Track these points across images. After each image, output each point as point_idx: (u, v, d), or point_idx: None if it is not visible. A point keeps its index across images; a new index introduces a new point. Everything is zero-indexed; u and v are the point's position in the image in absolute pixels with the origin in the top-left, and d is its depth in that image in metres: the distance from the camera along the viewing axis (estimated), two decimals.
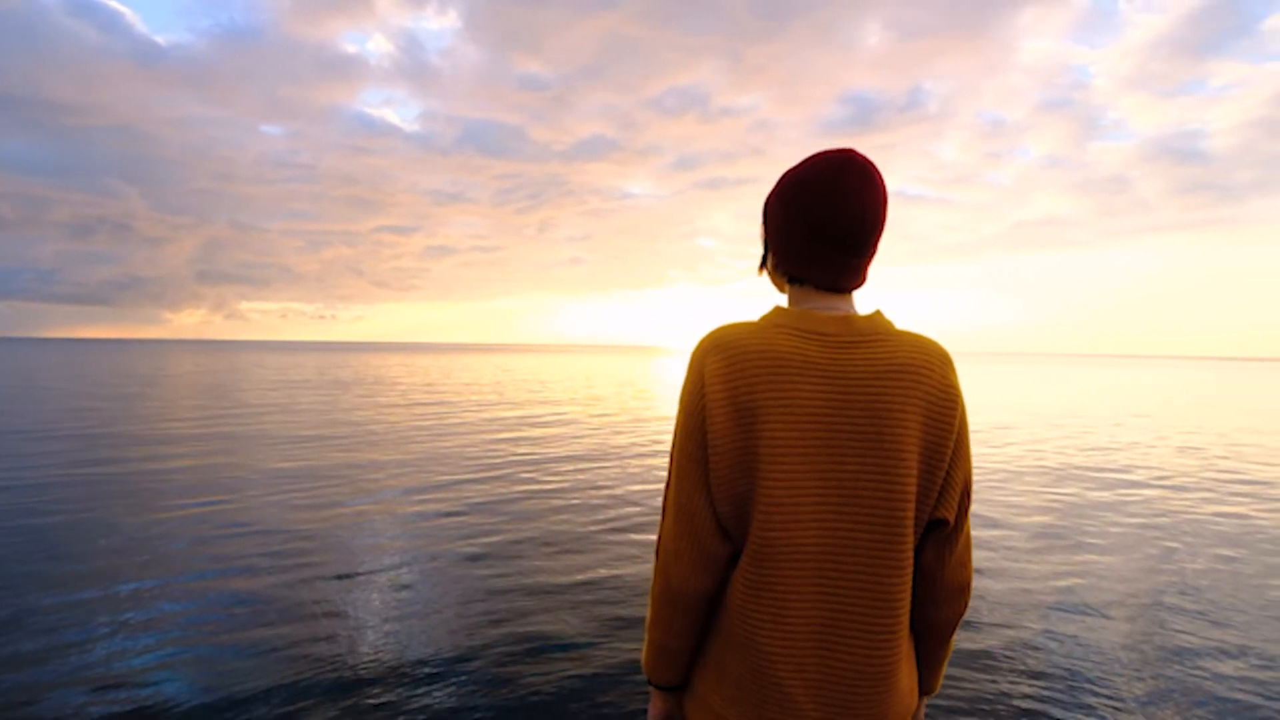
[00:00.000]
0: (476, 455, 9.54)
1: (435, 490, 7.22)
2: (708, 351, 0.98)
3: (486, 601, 4.16)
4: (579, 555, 5.09)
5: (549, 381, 28.70)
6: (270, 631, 3.68)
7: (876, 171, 0.98)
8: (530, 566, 4.81)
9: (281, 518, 5.99)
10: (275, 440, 10.64)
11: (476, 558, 4.99)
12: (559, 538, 5.53)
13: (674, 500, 1.01)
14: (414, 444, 10.47)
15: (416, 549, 5.17)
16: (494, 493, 7.16)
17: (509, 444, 10.66)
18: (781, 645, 0.93)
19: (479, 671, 3.28)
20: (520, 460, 9.20)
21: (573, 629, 3.78)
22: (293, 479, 7.69)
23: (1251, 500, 7.63)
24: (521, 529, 5.77)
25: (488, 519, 6.08)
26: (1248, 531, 6.22)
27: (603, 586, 4.45)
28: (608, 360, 68.75)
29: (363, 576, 4.56)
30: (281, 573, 4.59)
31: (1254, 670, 3.47)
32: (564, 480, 7.90)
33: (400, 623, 3.83)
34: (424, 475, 8.02)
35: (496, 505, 6.60)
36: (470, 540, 5.42)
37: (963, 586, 1.04)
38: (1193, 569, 5.06)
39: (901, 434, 0.93)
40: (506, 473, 8.28)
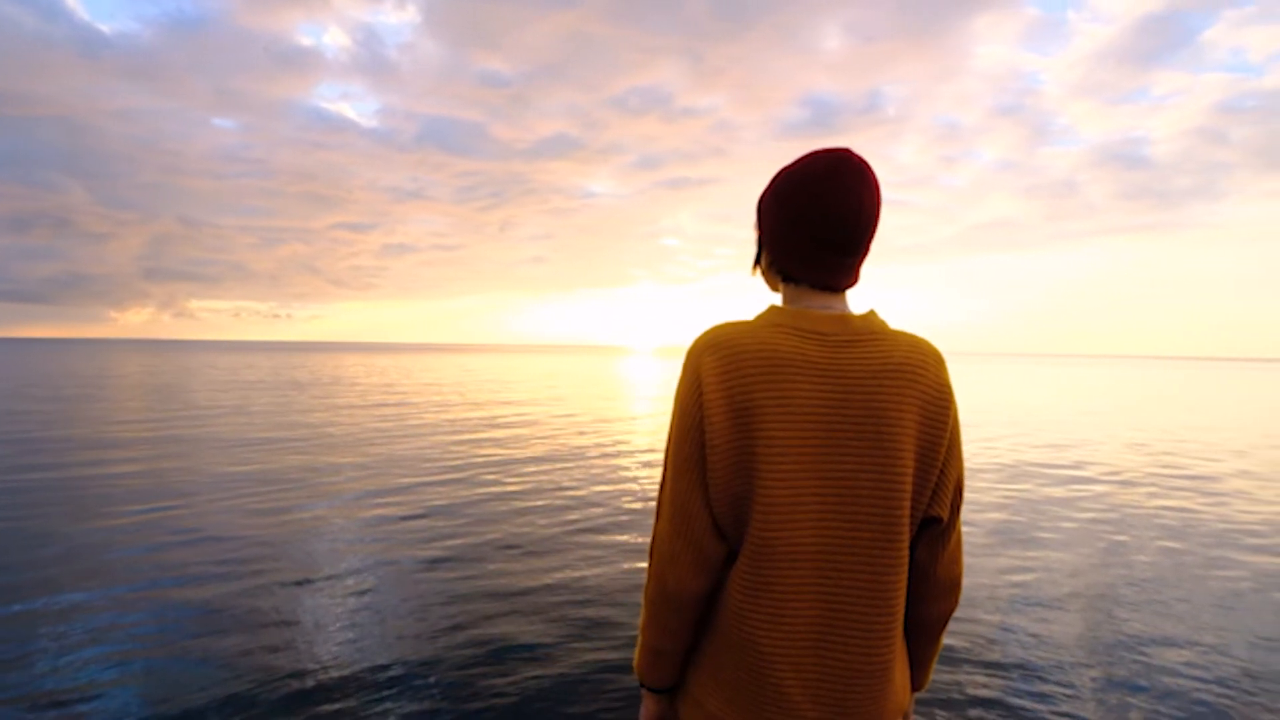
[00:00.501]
0: (437, 457, 9.40)
1: (395, 493, 7.09)
2: (704, 351, 0.98)
3: (448, 606, 4.09)
4: (542, 558, 5.04)
5: (511, 382, 28.47)
6: (223, 641, 3.56)
7: (871, 171, 0.99)
8: (493, 570, 4.75)
9: (234, 523, 5.81)
10: (228, 443, 10.34)
11: (437, 562, 4.91)
12: (522, 541, 5.48)
13: (670, 501, 1.00)
14: (373, 446, 10.28)
15: (376, 554, 5.07)
16: (455, 495, 7.06)
17: (470, 445, 10.54)
18: (780, 645, 0.93)
19: (441, 678, 3.22)
20: (482, 462, 9.10)
21: (537, 633, 3.74)
22: (246, 483, 7.47)
23: (1194, 494, 7.93)
24: (483, 532, 5.70)
25: (449, 522, 5.99)
26: (1190, 524, 6.45)
27: (567, 589, 4.41)
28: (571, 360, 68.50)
29: (320, 583, 4.44)
30: (235, 580, 4.45)
31: (1197, 656, 3.59)
32: (527, 482, 7.83)
33: (359, 629, 3.74)
34: (383, 478, 7.88)
35: (458, 508, 6.51)
36: (431, 544, 5.33)
37: (954, 583, 1.06)
38: (1140, 561, 5.24)
39: (899, 433, 0.93)
40: (468, 475, 8.18)
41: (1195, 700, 3.17)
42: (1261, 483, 8.78)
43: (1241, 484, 8.67)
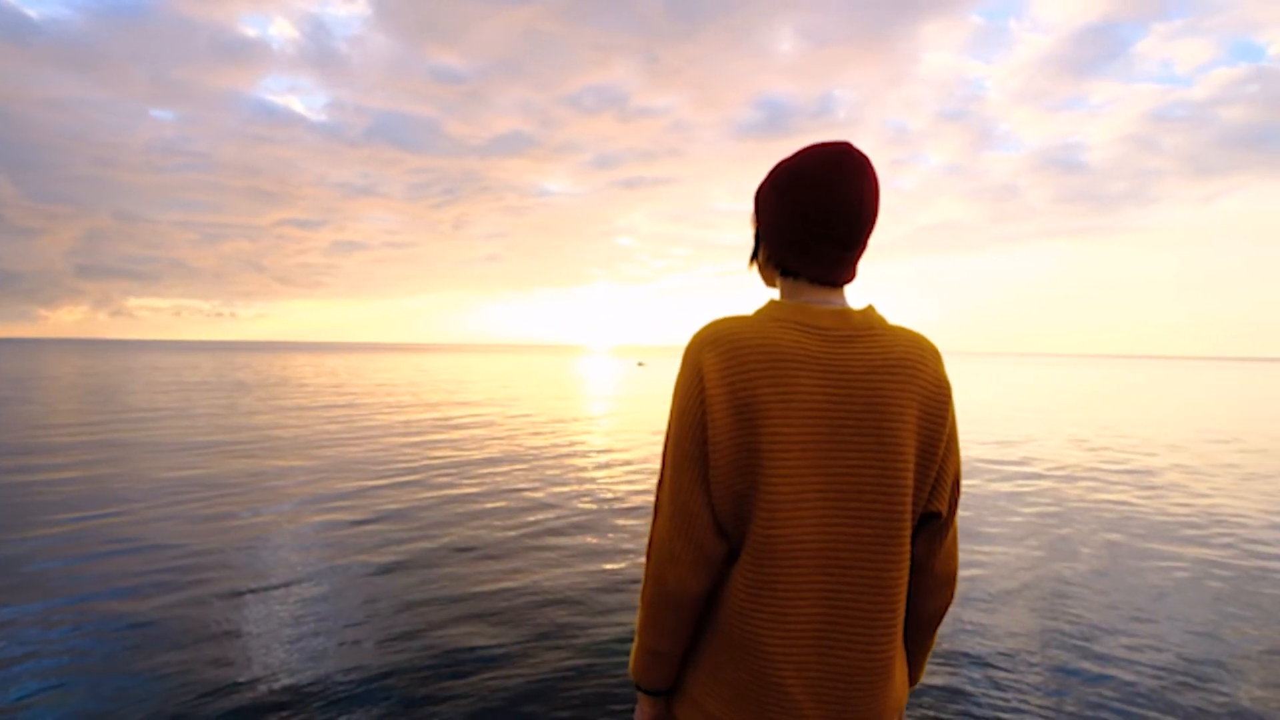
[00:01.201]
0: (390, 460, 9.20)
1: (345, 498, 6.91)
2: (704, 346, 0.96)
3: (402, 613, 3.99)
4: (499, 561, 4.96)
5: (466, 382, 28.09)
6: (163, 657, 3.40)
7: (871, 165, 0.98)
8: (448, 575, 4.66)
9: (175, 531, 5.58)
10: (168, 447, 9.94)
11: (391, 567, 4.79)
12: (478, 544, 5.39)
13: (669, 499, 0.98)
14: (322, 449, 10.01)
15: (325, 561, 4.92)
16: (409, 499, 6.91)
17: (424, 447, 10.34)
18: (783, 645, 0.92)
19: (396, 689, 3.13)
20: (437, 464, 8.94)
21: (494, 639, 3.68)
22: (187, 489, 7.19)
23: (1134, 488, 8.25)
24: (438, 536, 5.59)
25: (402, 527, 5.86)
26: (1130, 517, 6.71)
27: (525, 593, 4.35)
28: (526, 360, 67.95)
29: (266, 592, 4.29)
30: (175, 591, 4.27)
31: (1135, 644, 3.73)
32: (483, 484, 7.72)
33: (308, 640, 3.62)
34: (333, 482, 7.67)
35: (412, 512, 6.37)
36: (383, 550, 5.21)
37: (950, 577, 1.07)
38: (1084, 554, 5.41)
39: (900, 428, 0.93)
40: (422, 478, 8.02)
41: (1133, 686, 3.28)
42: (1195, 476, 9.19)
43: (1177, 477, 9.05)
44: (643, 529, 5.91)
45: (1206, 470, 9.69)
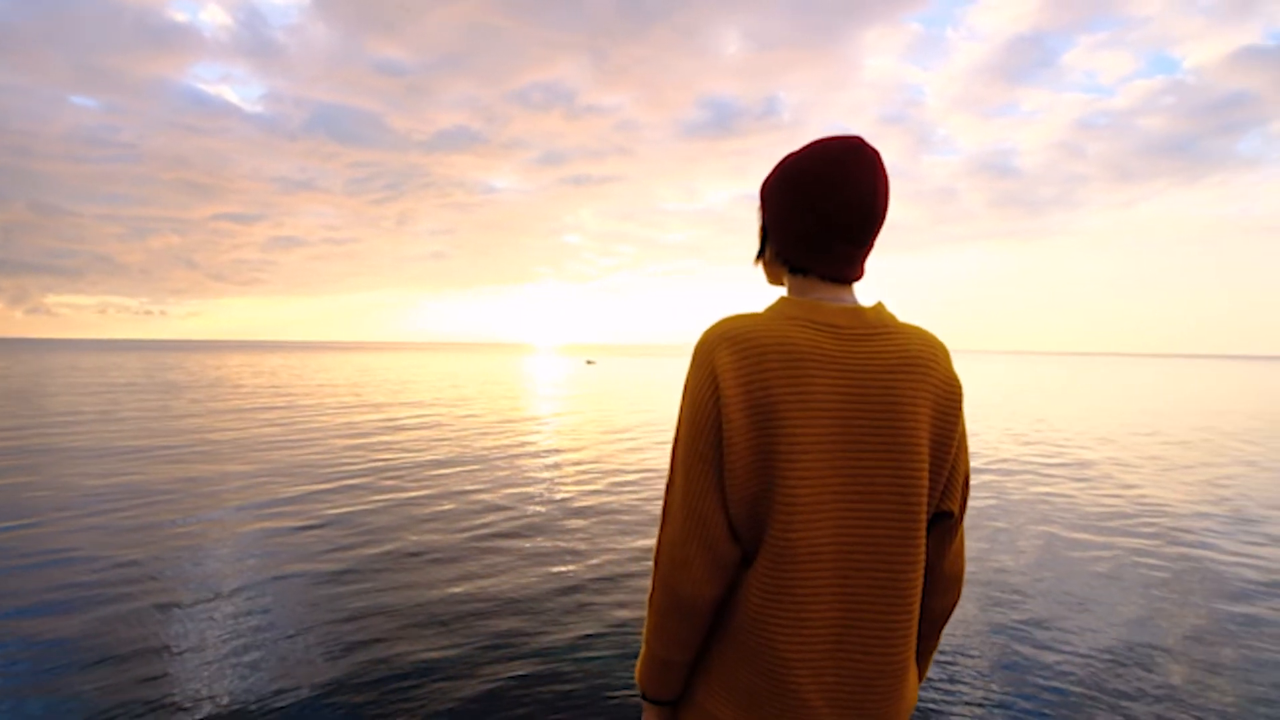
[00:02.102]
0: (332, 463, 8.92)
1: (286, 504, 6.66)
2: (718, 345, 0.93)
3: (347, 624, 3.86)
4: (448, 567, 4.85)
5: (411, 381, 27.50)
6: (87, 677, 3.20)
7: (882, 160, 0.97)
8: (394, 583, 4.53)
9: (100, 543, 5.28)
10: (91, 453, 9.43)
11: (334, 576, 4.63)
12: (426, 550, 5.25)
13: (682, 504, 0.94)
14: (260, 453, 9.64)
15: (264, 570, 4.73)
16: (353, 504, 6.70)
17: (369, 450, 10.07)
18: (801, 650, 0.90)
19: (340, 705, 3.02)
20: (381, 467, 8.70)
21: (444, 649, 3.58)
22: (113, 498, 6.82)
23: (1067, 480, 8.58)
24: (384, 542, 5.43)
25: (346, 533, 5.67)
26: (1065, 509, 6.97)
27: (475, 600, 4.26)
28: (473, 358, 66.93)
29: (200, 605, 4.09)
30: (100, 606, 4.03)
31: (1069, 633, 3.86)
32: (430, 487, 7.55)
33: (246, 655, 3.46)
34: (272, 488, 7.39)
35: (355, 517, 6.18)
36: (327, 557, 5.03)
37: (958, 576, 1.07)
38: (1021, 546, 5.60)
39: (915, 428, 0.92)
40: (366, 481, 7.80)
41: (1070, 673, 3.40)
42: (1124, 468, 9.62)
43: (1108, 469, 9.46)
44: (594, 530, 5.86)
45: (1134, 462, 10.16)
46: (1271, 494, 8.10)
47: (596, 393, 22.74)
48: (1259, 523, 6.64)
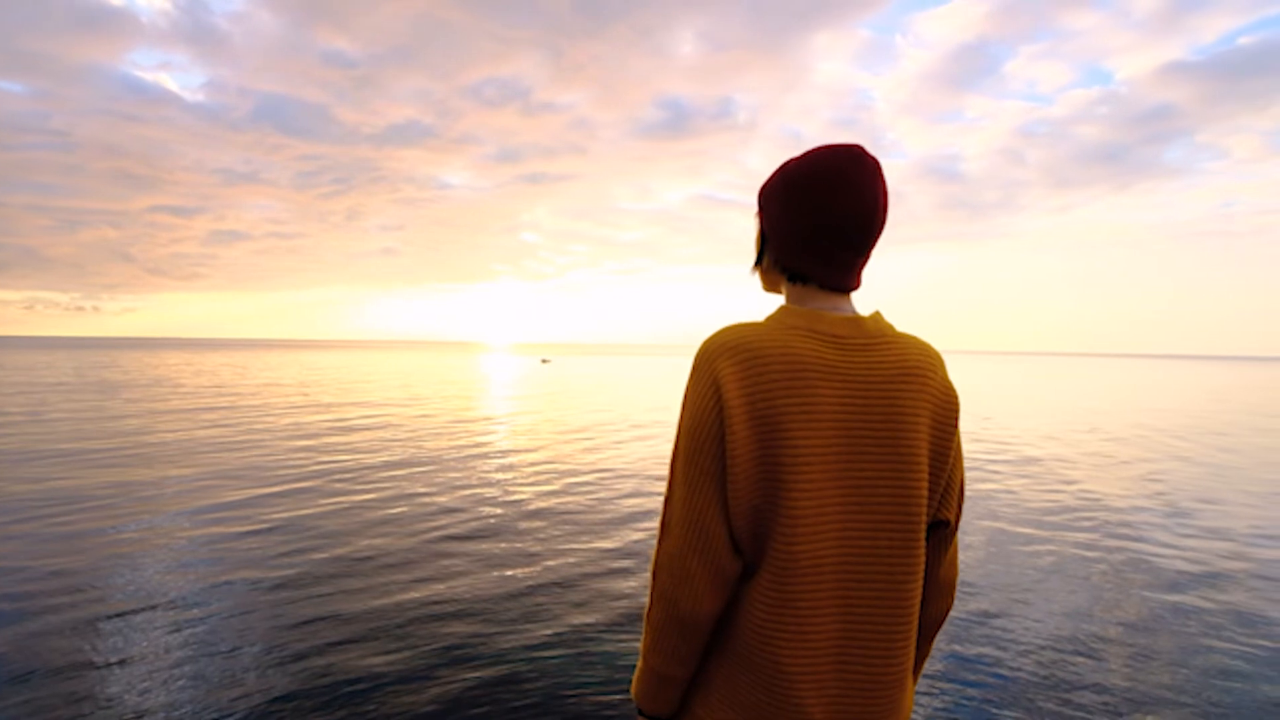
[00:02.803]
0: (279, 466, 8.65)
1: (229, 509, 6.43)
2: (720, 355, 0.92)
3: (295, 634, 3.74)
4: (399, 573, 4.74)
5: (362, 380, 26.90)
6: (13, 695, 3.02)
7: (882, 169, 0.97)
8: (345, 589, 4.41)
9: (28, 552, 5.01)
10: (18, 457, 8.96)
11: (281, 584, 4.48)
12: (376, 554, 5.13)
13: (682, 517, 0.93)
14: (202, 456, 9.30)
15: (206, 579, 4.55)
16: (300, 508, 6.51)
17: (317, 452, 9.80)
18: (804, 664, 0.89)
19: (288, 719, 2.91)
20: (331, 469, 8.48)
21: (397, 658, 3.49)
22: (43, 505, 6.49)
23: (1013, 477, 8.84)
24: (333, 547, 5.28)
25: (293, 538, 5.50)
26: (1010, 505, 7.18)
27: (429, 606, 4.17)
28: (427, 357, 65.78)
29: (136, 616, 3.91)
30: (29, 619, 3.82)
31: (1014, 626, 3.98)
32: (382, 490, 7.38)
33: (186, 667, 3.31)
34: (215, 492, 7.13)
35: (303, 522, 6.00)
36: (272, 564, 4.87)
37: (952, 583, 1.07)
38: (971, 540, 5.74)
39: (915, 438, 0.92)
40: (315, 485, 7.58)
41: (1014, 663, 3.49)
42: (1067, 464, 9.96)
43: (1052, 465, 9.79)
44: (550, 532, 5.81)
45: (1075, 458, 10.53)
46: (1202, 488, 8.49)
47: (552, 392, 22.59)
48: (1191, 515, 6.95)
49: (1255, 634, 4.05)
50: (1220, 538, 6.16)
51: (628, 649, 3.65)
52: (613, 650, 3.63)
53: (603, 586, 4.56)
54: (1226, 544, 5.95)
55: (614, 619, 4.04)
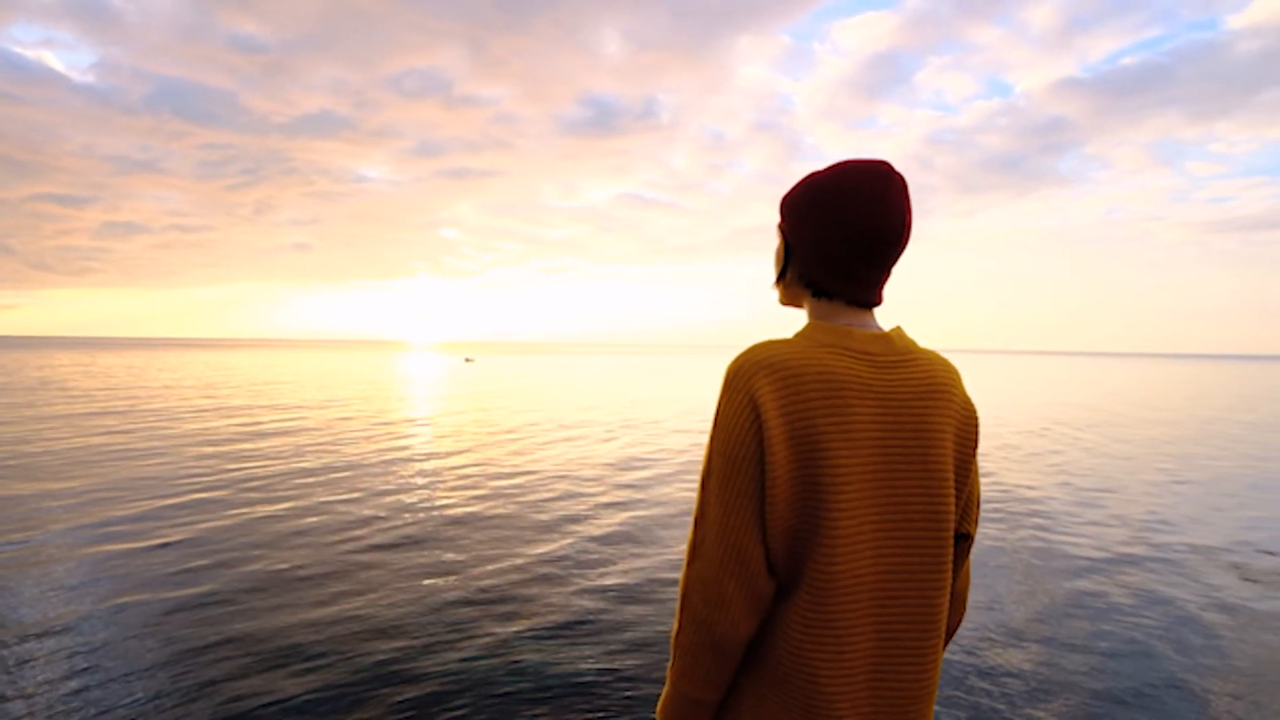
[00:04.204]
0: (182, 475, 8.10)
1: (125, 524, 5.95)
2: (756, 373, 0.91)
3: (201, 660, 3.46)
4: (317, 589, 4.48)
5: (274, 382, 25.63)
6: None
7: (908, 186, 0.97)
8: (257, 609, 4.13)
9: None
10: None
11: (184, 606, 4.16)
12: (291, 569, 4.84)
13: (718, 539, 0.91)
14: (93, 466, 8.61)
15: (98, 601, 4.17)
16: (206, 520, 6.09)
17: (225, 459, 9.24)
18: (842, 683, 0.89)
19: None
20: (240, 478, 8.00)
21: (315, 683, 3.28)
22: None
23: None
24: (243, 563, 4.95)
25: (198, 554, 5.13)
26: None
27: (347, 624, 3.95)
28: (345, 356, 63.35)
29: (18, 645, 3.54)
30: None
31: None
32: (297, 499, 7.00)
33: (76, 702, 3.01)
34: (108, 506, 6.59)
35: (210, 536, 5.61)
36: (175, 583, 4.52)
37: (965, 593, 1.10)
38: None
39: (943, 454, 0.93)
40: (222, 495, 7.12)
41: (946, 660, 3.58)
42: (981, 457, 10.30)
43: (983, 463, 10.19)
44: (477, 540, 5.63)
45: (987, 451, 11.03)
46: (1104, 477, 9.03)
47: (477, 392, 22.13)
48: (1096, 504, 7.37)
49: (1158, 615, 4.30)
50: (1122, 524, 6.55)
51: (559, 659, 3.55)
52: (543, 660, 3.52)
53: (533, 594, 4.44)
54: (1128, 530, 6.33)
55: (544, 628, 3.94)
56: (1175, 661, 3.70)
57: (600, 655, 3.63)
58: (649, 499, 7.31)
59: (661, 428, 13.52)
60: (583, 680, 3.36)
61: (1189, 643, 3.94)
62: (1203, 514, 7.14)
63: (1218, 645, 3.92)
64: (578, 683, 3.33)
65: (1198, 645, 3.91)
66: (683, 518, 6.53)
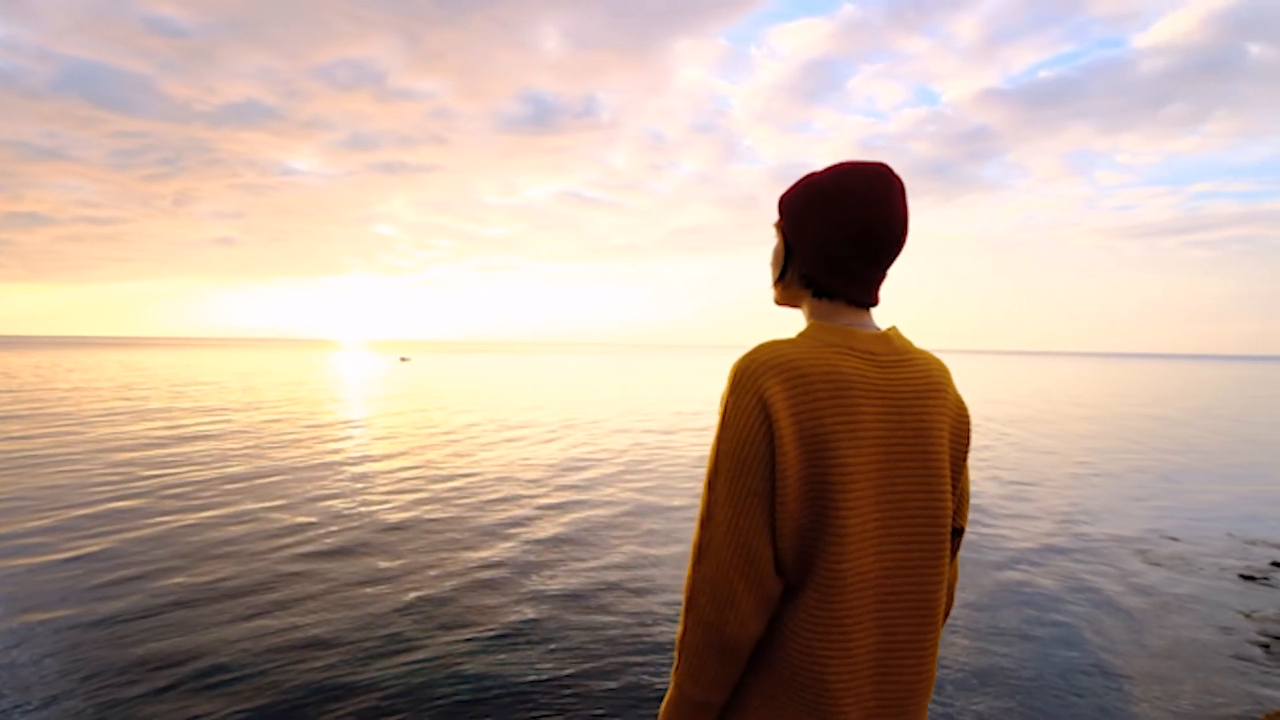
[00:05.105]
0: (96, 484, 7.62)
1: (29, 537, 5.54)
2: (765, 374, 0.91)
3: (118, 682, 3.24)
4: (246, 602, 4.27)
5: (197, 383, 24.44)
6: None
7: (905, 188, 0.99)
8: (180, 625, 3.90)
9: None
10: None
11: (98, 623, 3.89)
12: (219, 582, 4.59)
13: (728, 539, 0.91)
14: None
15: (3, 619, 3.87)
16: (123, 532, 5.73)
17: (144, 466, 8.74)
18: (848, 680, 0.91)
19: None
20: (160, 486, 7.57)
21: (244, 703, 3.11)
22: None
23: None
24: (165, 576, 4.67)
25: (114, 568, 4.82)
26: None
27: (280, 637, 3.77)
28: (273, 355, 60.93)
29: None
30: None
31: None
32: (222, 508, 6.66)
33: None
34: (14, 518, 6.13)
35: (126, 548, 5.28)
36: (88, 600, 4.23)
37: (954, 585, 1.13)
38: None
39: (941, 452, 0.95)
40: (140, 504, 6.72)
41: None
42: None
43: None
44: (413, 547, 5.47)
45: None
46: (1032, 471, 9.42)
47: (414, 393, 21.62)
48: (1026, 499, 7.68)
49: (1082, 601, 4.49)
50: (1047, 516, 6.84)
51: (501, 667, 3.47)
52: (484, 669, 3.44)
53: (473, 602, 4.34)
54: (1052, 522, 6.61)
55: (485, 637, 3.84)
56: (1098, 646, 3.86)
57: (543, 662, 3.56)
58: (592, 500, 7.26)
59: (603, 428, 13.48)
60: (525, 688, 3.28)
61: (1110, 627, 4.13)
62: (1120, 505, 7.52)
63: (1136, 628, 4.13)
64: (520, 691, 3.25)
65: (1118, 629, 4.10)
66: (626, 518, 6.50)
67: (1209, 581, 5.03)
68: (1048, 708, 3.21)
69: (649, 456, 10.16)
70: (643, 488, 7.95)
